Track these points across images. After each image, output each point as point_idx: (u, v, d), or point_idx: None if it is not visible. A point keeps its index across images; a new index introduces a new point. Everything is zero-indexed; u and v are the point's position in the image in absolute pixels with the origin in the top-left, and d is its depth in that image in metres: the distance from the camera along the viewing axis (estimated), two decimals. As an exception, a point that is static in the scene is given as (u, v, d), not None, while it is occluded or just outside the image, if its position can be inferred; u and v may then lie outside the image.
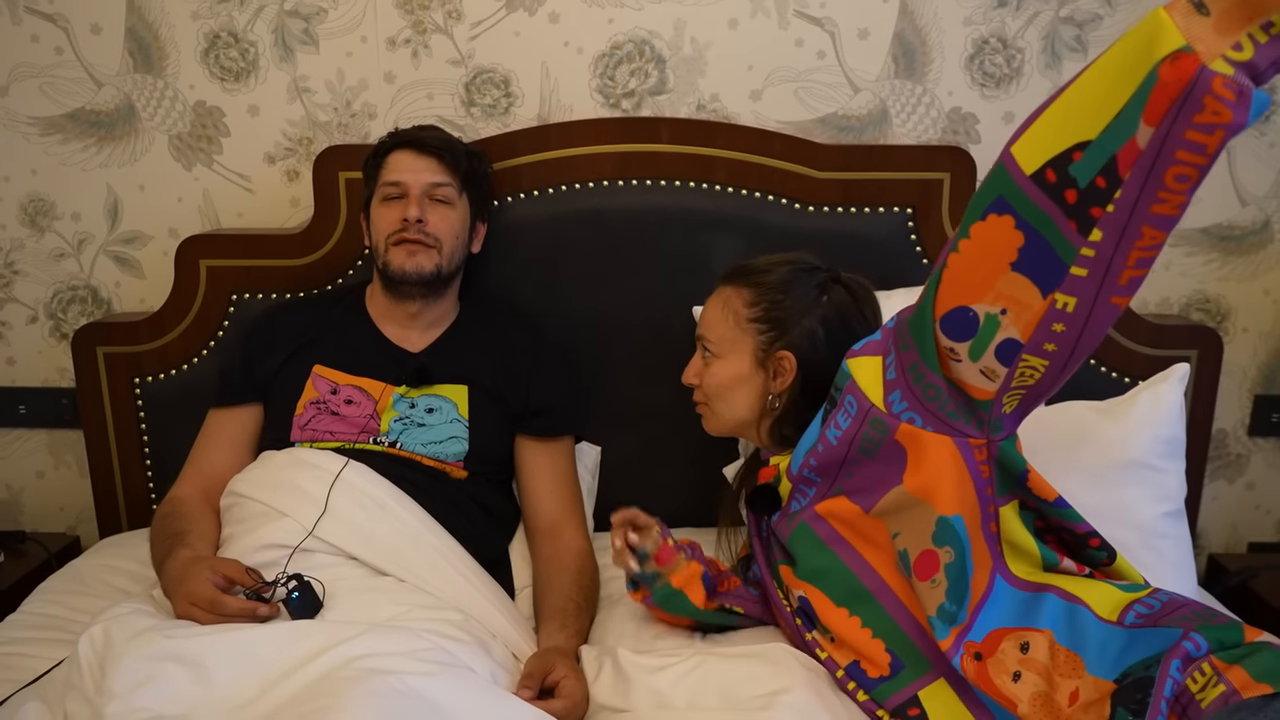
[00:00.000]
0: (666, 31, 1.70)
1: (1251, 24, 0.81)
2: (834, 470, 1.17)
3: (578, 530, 1.48)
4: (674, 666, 1.17)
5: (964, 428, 1.07)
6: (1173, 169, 0.85)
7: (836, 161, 1.63)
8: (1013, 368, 1.00)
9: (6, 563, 1.71)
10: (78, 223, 1.79)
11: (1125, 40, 0.88)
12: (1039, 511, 1.15)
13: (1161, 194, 0.86)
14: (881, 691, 1.14)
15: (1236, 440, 1.84)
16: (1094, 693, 1.01)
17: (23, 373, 1.85)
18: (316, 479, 1.30)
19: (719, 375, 1.31)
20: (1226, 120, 0.82)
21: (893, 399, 1.10)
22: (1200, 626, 1.02)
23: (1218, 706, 0.93)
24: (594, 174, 1.64)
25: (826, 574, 1.18)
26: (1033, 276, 0.95)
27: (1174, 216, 0.89)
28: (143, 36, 1.71)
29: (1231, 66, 0.82)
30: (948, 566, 1.09)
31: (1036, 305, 0.95)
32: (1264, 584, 1.67)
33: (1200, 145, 0.83)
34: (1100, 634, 1.05)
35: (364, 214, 1.55)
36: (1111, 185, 0.88)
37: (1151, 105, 0.84)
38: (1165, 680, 0.96)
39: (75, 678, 1.05)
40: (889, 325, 1.16)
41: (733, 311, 1.30)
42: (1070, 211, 0.90)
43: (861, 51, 1.70)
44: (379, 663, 1.02)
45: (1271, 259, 1.76)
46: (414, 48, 1.71)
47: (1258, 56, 0.82)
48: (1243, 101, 0.81)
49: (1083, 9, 1.67)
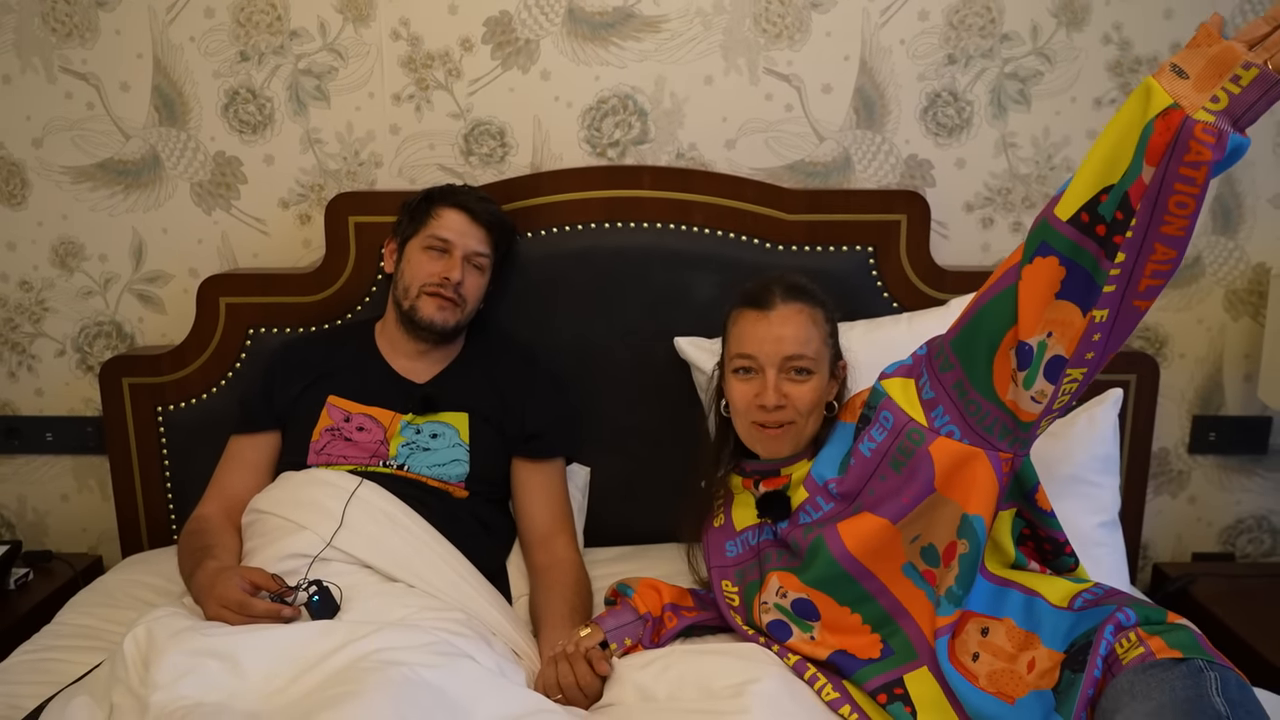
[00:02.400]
0: (648, 87, 1.86)
1: (1223, 79, 1.01)
2: (859, 486, 1.30)
3: (569, 543, 1.61)
4: (656, 663, 1.29)
5: (998, 443, 1.22)
6: (1173, 198, 1.03)
7: (803, 205, 1.78)
8: (1058, 385, 1.15)
9: (35, 580, 1.83)
10: (105, 263, 1.93)
11: (1126, 106, 1.07)
12: (1031, 521, 1.32)
13: (1167, 218, 1.04)
14: (864, 674, 1.27)
15: (1178, 458, 1.99)
16: (1048, 662, 1.18)
17: (50, 403, 1.98)
18: (333, 496, 1.43)
19: (817, 391, 1.36)
20: (1207, 158, 1.00)
21: (935, 414, 1.25)
22: (1131, 604, 1.20)
23: (1135, 664, 1.10)
24: (583, 217, 1.78)
25: (837, 584, 1.30)
26: (1075, 299, 1.13)
27: (1181, 236, 1.06)
28: (168, 93, 1.86)
29: (1211, 115, 1.01)
30: (962, 556, 1.24)
31: (1078, 323, 1.12)
32: (1202, 590, 1.81)
33: (1191, 178, 1.02)
34: (1053, 618, 1.22)
35: (394, 243, 1.64)
36: (1127, 215, 1.07)
37: (1150, 150, 1.03)
38: (1101, 641, 1.14)
39: (120, 672, 1.17)
40: (920, 353, 1.31)
41: (819, 328, 1.38)
42: (1101, 242, 1.09)
43: (826, 104, 1.86)
44: (392, 655, 1.15)
45: (1203, 291, 1.92)
46: (417, 102, 1.87)
47: (1232, 104, 1.01)
48: (1220, 142, 1.00)
49: (1025, 66, 1.84)
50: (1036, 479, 1.29)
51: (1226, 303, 1.92)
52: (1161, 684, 1.06)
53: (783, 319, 1.36)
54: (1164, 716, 1.02)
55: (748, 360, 1.37)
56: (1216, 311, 1.93)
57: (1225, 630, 1.67)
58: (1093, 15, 1.82)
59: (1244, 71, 1.00)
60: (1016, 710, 1.15)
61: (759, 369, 1.36)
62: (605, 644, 1.34)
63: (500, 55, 1.84)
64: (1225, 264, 1.91)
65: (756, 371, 1.36)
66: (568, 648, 1.30)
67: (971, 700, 1.17)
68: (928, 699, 1.21)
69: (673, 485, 1.77)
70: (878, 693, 1.25)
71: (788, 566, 1.36)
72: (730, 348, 1.41)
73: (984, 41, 1.83)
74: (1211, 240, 1.90)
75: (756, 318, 1.37)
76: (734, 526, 1.45)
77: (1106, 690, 1.10)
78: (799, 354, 1.35)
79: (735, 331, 1.41)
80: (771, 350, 1.35)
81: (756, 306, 1.38)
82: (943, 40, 1.83)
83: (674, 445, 1.72)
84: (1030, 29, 1.83)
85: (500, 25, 1.83)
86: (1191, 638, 1.14)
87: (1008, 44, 1.83)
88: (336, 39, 1.84)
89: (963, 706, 1.18)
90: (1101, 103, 1.85)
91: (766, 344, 1.35)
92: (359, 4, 1.82)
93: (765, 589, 1.37)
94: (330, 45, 1.85)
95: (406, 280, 1.60)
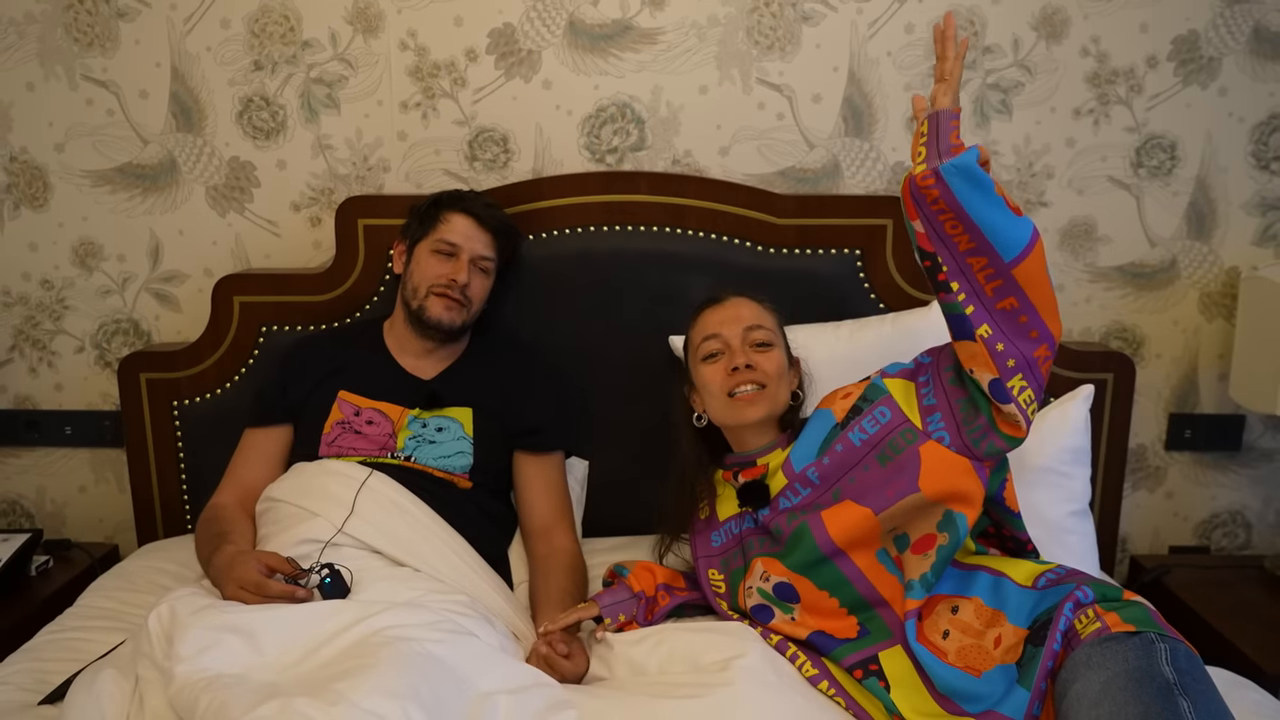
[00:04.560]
0: (645, 96, 1.93)
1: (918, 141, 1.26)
2: (841, 473, 1.37)
3: (567, 533, 1.68)
4: (648, 640, 1.37)
5: (983, 455, 1.31)
6: (945, 225, 1.24)
7: (794, 209, 1.85)
8: (1013, 400, 1.26)
9: (55, 567, 1.91)
10: (123, 263, 2.01)
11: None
12: (998, 521, 1.41)
13: (954, 239, 1.24)
14: (841, 652, 1.34)
15: (1155, 454, 2.06)
16: (1013, 638, 1.27)
17: (69, 397, 2.06)
18: (345, 485, 1.50)
19: (777, 360, 1.47)
20: (937, 194, 1.21)
21: (931, 419, 1.34)
22: (1090, 583, 1.28)
23: (1092, 638, 1.18)
24: (582, 220, 1.85)
25: (817, 569, 1.37)
26: (962, 335, 1.28)
27: (974, 246, 1.23)
28: (185, 101, 1.94)
29: (921, 165, 1.24)
30: (940, 547, 1.32)
31: (979, 350, 1.26)
32: (1176, 581, 1.88)
33: (941, 207, 1.22)
34: (1018, 596, 1.31)
35: (404, 245, 1.72)
36: (933, 258, 1.27)
37: (907, 211, 1.27)
38: (1060, 618, 1.23)
39: (145, 647, 1.25)
40: (924, 361, 1.40)
41: (771, 316, 1.53)
42: (938, 287, 1.28)
43: (816, 113, 1.94)
44: (402, 632, 1.23)
45: (1179, 293, 2.00)
46: (424, 110, 1.94)
47: (930, 150, 1.24)
48: (940, 179, 1.20)
49: (1007, 77, 1.92)
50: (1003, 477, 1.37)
51: (1201, 305, 2.00)
52: (1115, 655, 1.13)
53: (737, 304, 1.52)
54: (1117, 684, 1.10)
55: (714, 341, 1.49)
56: (1191, 313, 2.00)
57: (1197, 618, 1.74)
58: (1071, 29, 1.90)
59: (923, 125, 1.26)
60: (983, 682, 1.22)
61: (724, 346, 1.48)
62: (600, 619, 1.42)
63: (504, 65, 1.92)
64: (1200, 267, 1.99)
65: (722, 351, 1.48)
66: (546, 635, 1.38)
67: (940, 674, 1.24)
68: (900, 675, 1.28)
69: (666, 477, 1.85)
70: (854, 669, 1.32)
71: (770, 552, 1.42)
72: (694, 340, 1.53)
73: (968, 54, 1.90)
74: (1186, 245, 1.98)
75: (714, 309, 1.53)
76: (718, 518, 1.52)
77: (1065, 662, 1.18)
78: (758, 324, 1.49)
79: (697, 327, 1.54)
80: (733, 327, 1.48)
81: (711, 303, 1.54)
82: (928, 52, 1.91)
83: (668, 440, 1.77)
84: (1012, 42, 1.90)
85: (504, 37, 1.91)
86: (1145, 613, 1.22)
87: (990, 56, 1.91)
88: (347, 49, 1.92)
89: (933, 681, 1.26)
90: (1080, 112, 1.93)
91: (727, 323, 1.49)
92: (369, 16, 1.90)
93: (750, 574, 1.44)
94: (341, 55, 1.92)
95: (415, 281, 1.67)
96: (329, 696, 1.07)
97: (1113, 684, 1.10)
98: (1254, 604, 1.78)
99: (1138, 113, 1.93)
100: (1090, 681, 1.12)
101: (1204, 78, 1.91)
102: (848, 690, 1.30)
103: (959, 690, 1.22)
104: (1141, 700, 1.08)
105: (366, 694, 1.08)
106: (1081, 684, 1.12)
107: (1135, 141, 1.94)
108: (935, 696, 1.25)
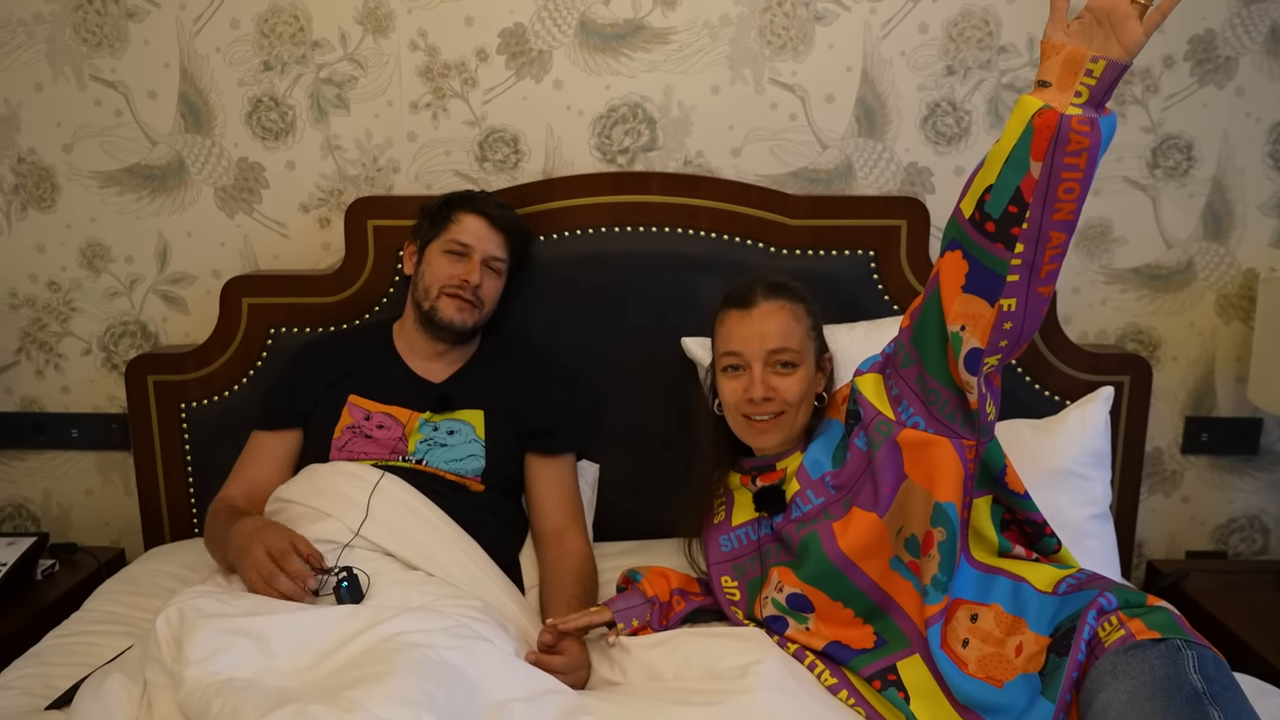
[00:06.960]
0: (657, 96, 1.92)
1: (1079, 76, 1.12)
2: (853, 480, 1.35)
3: (579, 536, 1.66)
4: (663, 644, 1.35)
5: (960, 430, 1.28)
6: (1061, 186, 1.13)
7: (806, 210, 1.83)
8: (979, 374, 1.22)
9: (61, 571, 1.89)
10: (130, 265, 2.00)
11: (1009, 122, 1.17)
12: (1009, 506, 1.37)
13: (1058, 205, 1.14)
14: (859, 662, 1.32)
15: (1171, 458, 2.04)
16: (1034, 646, 1.24)
17: (76, 400, 2.05)
18: (358, 487, 1.49)
19: (803, 383, 1.40)
20: (1087, 145, 1.11)
21: (900, 408, 1.31)
22: (1112, 589, 1.25)
23: (1117, 645, 1.16)
24: (593, 221, 1.84)
25: (829, 579, 1.35)
26: (981, 293, 1.20)
27: (1070, 220, 1.16)
28: (193, 101, 1.93)
29: (1079, 108, 1.11)
30: (940, 544, 1.29)
31: (988, 314, 1.20)
32: (1194, 586, 1.86)
33: (1075, 165, 1.12)
34: (1038, 602, 1.28)
35: (415, 246, 1.71)
36: (1021, 209, 1.15)
37: (1035, 147, 1.13)
38: (1084, 626, 1.19)
39: (154, 650, 1.23)
40: (887, 351, 1.37)
41: (800, 322, 1.43)
42: (993, 237, 1.18)
43: (829, 114, 1.92)
44: (415, 638, 1.21)
45: (1195, 295, 1.98)
46: (434, 110, 1.93)
47: (1092, 94, 1.11)
48: (1095, 129, 1.10)
49: (1021, 77, 1.90)
50: (1003, 462, 1.33)
51: (1218, 307, 1.98)
52: (1141, 663, 1.11)
53: (765, 315, 1.41)
54: (1144, 693, 1.07)
55: (734, 358, 1.42)
56: (1208, 315, 1.98)
57: (1216, 622, 1.72)
58: (1087, 28, 1.88)
59: (1094, 65, 1.11)
60: (1005, 693, 1.20)
61: (745, 365, 1.41)
62: (613, 624, 1.39)
63: (514, 65, 1.91)
64: (1216, 269, 1.97)
65: (743, 368, 1.42)
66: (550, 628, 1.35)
67: (961, 686, 1.22)
68: (920, 684, 1.26)
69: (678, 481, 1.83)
70: (872, 679, 1.30)
71: (785, 561, 1.41)
72: (718, 347, 1.47)
73: (982, 53, 1.89)
74: (1203, 246, 1.96)
75: (740, 316, 1.43)
76: (730, 522, 1.50)
77: (1090, 671, 1.15)
78: (782, 347, 1.40)
79: (722, 331, 1.46)
80: (756, 346, 1.40)
81: (740, 306, 1.44)
82: (942, 52, 1.89)
83: (680, 442, 1.77)
84: (1027, 41, 1.89)
85: (515, 37, 1.90)
86: (1170, 618, 1.19)
87: (1005, 56, 1.89)
88: (357, 49, 1.91)
89: (952, 692, 1.24)
90: (1096, 113, 1.91)
91: (751, 341, 1.41)
92: (379, 16, 1.89)
93: (768, 585, 1.42)
94: (350, 55, 1.91)
95: (426, 282, 1.66)
96: (343, 703, 1.05)
97: (1139, 694, 1.08)
98: (1273, 609, 1.76)
99: (1154, 113, 1.91)
100: (1116, 692, 1.10)
101: (1221, 78, 1.89)
102: (868, 700, 1.28)
103: (980, 701, 1.20)
104: (1170, 711, 1.05)
105: (381, 701, 1.06)
106: (1107, 694, 1.10)
107: (1151, 142, 1.92)
108: (956, 707, 1.23)
